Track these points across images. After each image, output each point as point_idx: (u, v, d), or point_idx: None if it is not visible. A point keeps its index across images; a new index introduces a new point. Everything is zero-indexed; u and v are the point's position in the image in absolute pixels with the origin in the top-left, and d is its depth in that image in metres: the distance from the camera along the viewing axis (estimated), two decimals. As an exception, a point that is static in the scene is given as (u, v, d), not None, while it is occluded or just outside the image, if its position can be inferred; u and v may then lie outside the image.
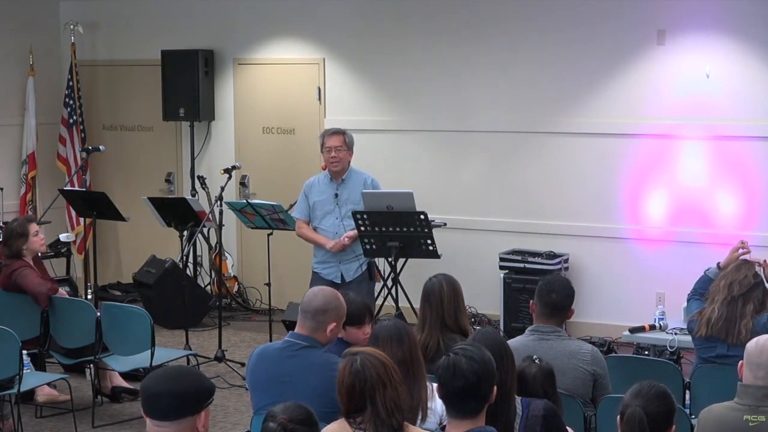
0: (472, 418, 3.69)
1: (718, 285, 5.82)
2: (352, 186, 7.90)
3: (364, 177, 7.99)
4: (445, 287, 5.42)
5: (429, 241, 8.66)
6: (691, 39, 9.10)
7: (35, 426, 7.48)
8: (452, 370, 3.68)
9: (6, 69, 11.20)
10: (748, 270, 5.79)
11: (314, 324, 4.76)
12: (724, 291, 5.75)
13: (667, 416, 3.65)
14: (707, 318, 5.74)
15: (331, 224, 7.93)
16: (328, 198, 7.88)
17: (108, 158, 11.25)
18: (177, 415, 3.19)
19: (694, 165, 9.18)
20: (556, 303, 5.30)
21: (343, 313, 4.84)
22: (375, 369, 3.78)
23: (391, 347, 4.42)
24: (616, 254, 9.48)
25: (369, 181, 7.96)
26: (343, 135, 7.89)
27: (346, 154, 7.87)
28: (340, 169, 7.86)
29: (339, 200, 7.86)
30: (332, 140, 7.84)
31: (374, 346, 4.30)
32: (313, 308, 4.76)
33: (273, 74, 10.81)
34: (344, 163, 7.88)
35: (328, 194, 7.88)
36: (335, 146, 7.81)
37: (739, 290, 5.72)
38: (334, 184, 7.89)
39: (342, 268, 7.89)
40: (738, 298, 5.71)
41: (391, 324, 4.61)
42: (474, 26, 9.86)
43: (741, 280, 5.75)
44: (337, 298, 4.83)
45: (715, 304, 5.76)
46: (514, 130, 9.80)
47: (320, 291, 4.85)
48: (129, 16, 11.44)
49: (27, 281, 7.63)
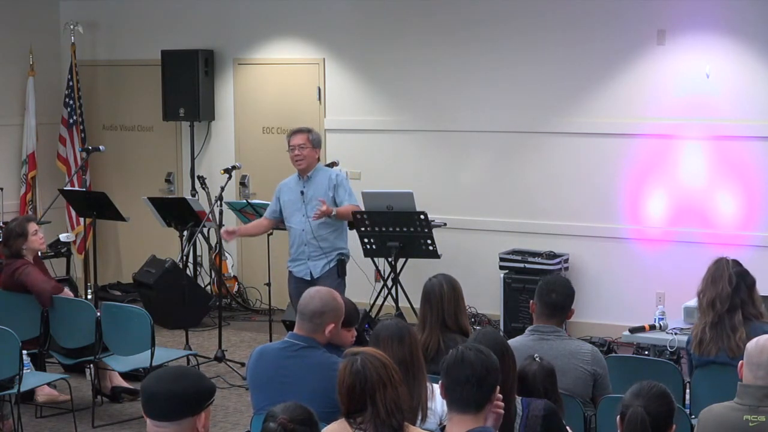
0: (473, 414, 3.67)
1: (701, 302, 5.70)
2: (318, 183, 7.92)
3: (329, 173, 8.03)
4: (445, 287, 5.42)
5: (429, 241, 8.66)
6: (691, 39, 9.10)
7: (35, 426, 7.48)
8: (460, 359, 3.68)
9: (6, 69, 11.20)
10: (722, 278, 5.69)
11: (312, 326, 4.76)
12: (709, 311, 5.65)
13: (668, 416, 3.65)
14: (699, 340, 5.66)
15: (299, 221, 7.94)
16: (296, 196, 7.94)
17: (108, 158, 11.25)
18: (177, 415, 3.18)
19: (694, 165, 9.18)
20: (557, 303, 5.30)
21: (342, 313, 4.84)
22: (375, 369, 3.78)
23: (392, 347, 4.42)
24: (616, 254, 9.47)
25: (334, 176, 8.00)
26: (307, 133, 7.95)
27: (311, 152, 7.91)
28: (304, 167, 7.91)
29: (305, 198, 7.89)
30: (295, 139, 7.92)
31: (375, 346, 4.30)
32: (310, 311, 4.75)
33: (273, 74, 10.81)
34: (308, 161, 7.92)
35: (296, 192, 7.94)
36: (298, 144, 7.88)
37: (722, 306, 5.61)
38: (301, 182, 7.95)
39: (310, 265, 7.93)
40: (724, 314, 5.62)
41: (393, 323, 4.61)
42: (474, 26, 9.86)
43: (719, 293, 5.62)
44: (334, 299, 4.82)
45: (703, 324, 5.66)
46: (514, 130, 9.80)
47: (317, 293, 4.84)
48: (129, 16, 11.44)
49: (31, 278, 7.63)
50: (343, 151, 10.35)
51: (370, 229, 8.69)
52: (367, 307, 9.59)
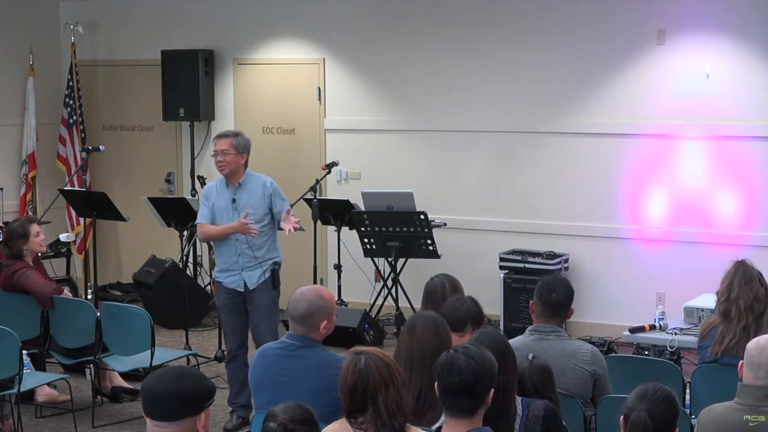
0: (468, 417, 3.68)
1: (737, 306, 5.63)
2: (251, 191, 7.34)
3: (263, 180, 7.41)
4: (447, 287, 5.43)
5: (429, 241, 8.67)
6: (691, 39, 9.10)
7: (35, 426, 7.48)
8: (449, 367, 3.68)
9: (6, 69, 11.20)
10: (753, 279, 5.67)
11: (305, 327, 4.77)
12: (747, 314, 5.60)
13: (672, 420, 3.63)
14: (727, 342, 5.62)
15: None
16: (226, 204, 7.35)
17: (108, 158, 11.25)
18: (178, 415, 3.18)
19: (694, 165, 9.18)
20: (557, 302, 5.29)
21: (332, 309, 4.82)
22: (378, 370, 3.78)
23: (426, 334, 4.50)
24: (616, 254, 9.48)
25: (268, 183, 7.39)
26: (232, 138, 7.35)
27: (234, 157, 7.28)
28: (228, 173, 7.32)
29: (237, 206, 7.30)
30: (219, 144, 7.34)
31: (410, 334, 4.48)
32: (300, 315, 4.76)
33: (273, 74, 10.81)
34: (232, 167, 7.29)
35: (226, 199, 7.35)
36: (221, 150, 7.29)
37: (759, 308, 5.61)
38: (231, 189, 7.36)
39: (245, 276, 7.30)
40: (759, 316, 5.61)
41: (431, 315, 4.69)
42: (474, 26, 9.86)
43: (757, 295, 5.62)
44: (321, 298, 4.80)
45: (734, 326, 5.63)
46: (514, 130, 9.80)
47: (301, 296, 4.80)
48: (129, 16, 11.44)
49: (31, 282, 7.63)
50: (343, 151, 10.36)
51: (370, 229, 8.70)
52: (367, 307, 9.61)
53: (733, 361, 5.51)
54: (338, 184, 10.44)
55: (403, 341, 4.61)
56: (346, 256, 9.76)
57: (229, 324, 7.42)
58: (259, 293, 7.28)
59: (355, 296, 9.94)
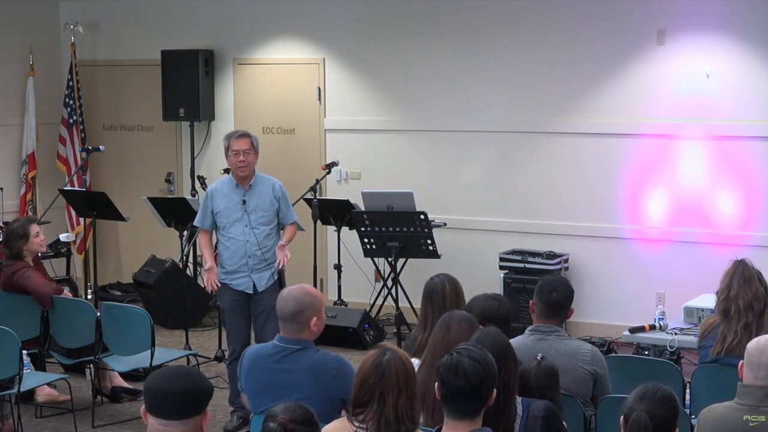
0: (470, 419, 3.67)
1: (737, 304, 5.65)
2: (261, 193, 7.30)
3: (272, 182, 7.38)
4: (447, 287, 5.42)
5: (429, 241, 8.67)
6: (691, 39, 9.10)
7: (35, 426, 7.48)
8: (454, 370, 3.66)
9: (6, 69, 11.20)
10: (752, 278, 5.68)
11: (296, 327, 4.73)
12: (747, 313, 5.62)
13: (672, 420, 3.63)
14: (729, 342, 5.63)
15: (241, 232, 7.29)
16: (235, 205, 7.28)
17: (108, 158, 11.25)
18: (186, 414, 3.19)
19: (694, 165, 9.18)
20: (558, 302, 5.29)
21: (320, 305, 4.79)
22: (397, 371, 3.79)
23: (463, 329, 4.56)
24: (616, 254, 9.48)
25: (278, 187, 7.35)
26: (250, 138, 7.32)
27: (254, 158, 7.29)
28: (247, 174, 7.27)
29: (247, 207, 7.26)
30: (240, 143, 7.24)
31: (446, 331, 4.57)
32: (289, 314, 4.71)
33: (273, 74, 10.81)
34: (251, 168, 7.29)
35: (235, 201, 7.28)
36: (243, 150, 7.22)
37: (759, 306, 5.62)
38: (241, 190, 7.29)
39: (254, 278, 7.30)
40: (759, 314, 5.62)
41: (461, 312, 4.80)
42: (474, 26, 9.86)
43: (756, 293, 5.63)
44: (308, 294, 4.77)
45: (734, 325, 5.63)
46: (514, 130, 9.80)
47: (288, 294, 4.77)
48: (129, 16, 11.44)
49: (31, 282, 7.63)
50: (343, 151, 10.36)
51: (370, 229, 8.70)
52: (367, 307, 9.61)
53: (735, 360, 5.52)
54: (338, 184, 10.44)
55: (437, 338, 4.63)
56: (346, 256, 9.76)
57: (235, 325, 7.40)
58: (267, 295, 7.27)
59: (355, 296, 9.94)
